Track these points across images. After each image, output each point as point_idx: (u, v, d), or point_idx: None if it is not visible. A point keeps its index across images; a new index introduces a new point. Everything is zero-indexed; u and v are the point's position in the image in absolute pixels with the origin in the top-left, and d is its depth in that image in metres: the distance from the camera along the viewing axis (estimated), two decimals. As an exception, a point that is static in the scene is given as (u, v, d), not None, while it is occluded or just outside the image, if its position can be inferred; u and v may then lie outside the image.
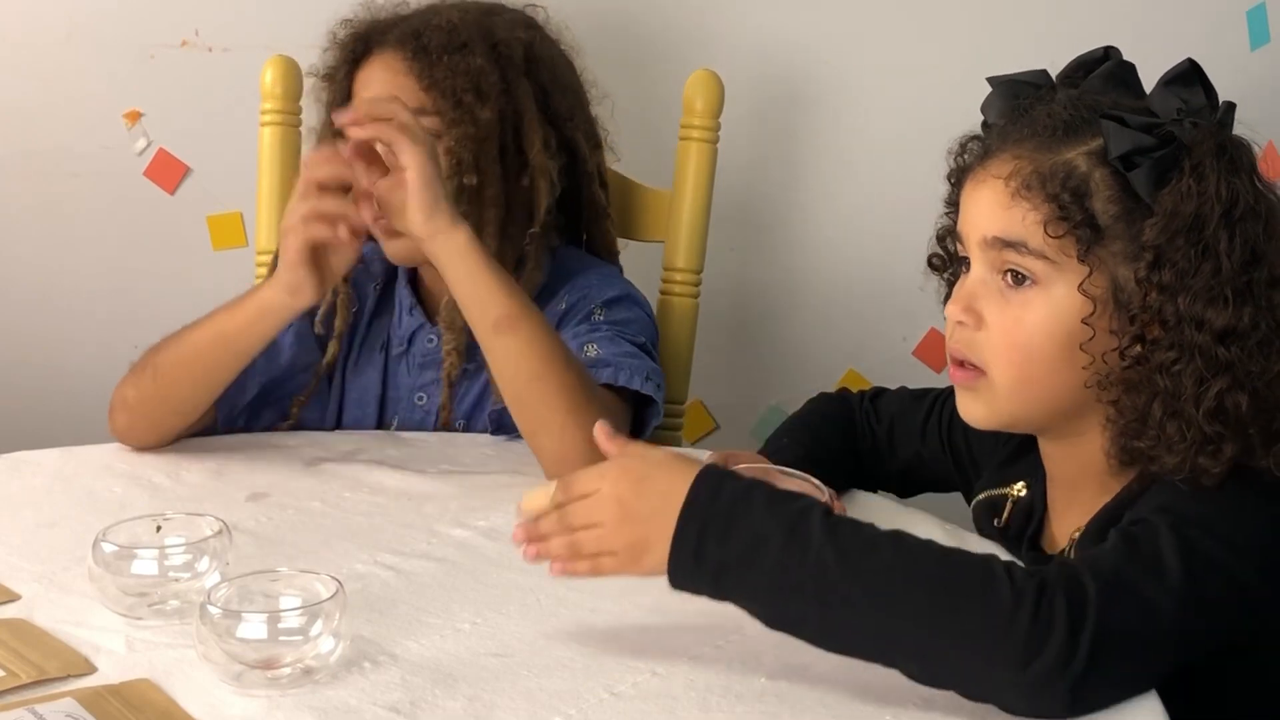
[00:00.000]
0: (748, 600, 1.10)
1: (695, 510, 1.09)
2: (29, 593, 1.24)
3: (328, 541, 1.37)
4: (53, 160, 2.13)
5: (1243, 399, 1.18)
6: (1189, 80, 1.26)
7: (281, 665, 1.09)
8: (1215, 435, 1.18)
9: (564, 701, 1.08)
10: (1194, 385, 1.19)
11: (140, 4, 2.09)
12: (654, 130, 1.90)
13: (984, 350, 1.27)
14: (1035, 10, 2.11)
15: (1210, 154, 1.21)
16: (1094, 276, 1.22)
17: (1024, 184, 1.24)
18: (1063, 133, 1.26)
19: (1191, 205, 1.19)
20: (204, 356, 1.57)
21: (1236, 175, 1.21)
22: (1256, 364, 1.19)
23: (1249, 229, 1.20)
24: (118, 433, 1.61)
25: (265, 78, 1.92)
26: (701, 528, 1.09)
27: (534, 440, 1.51)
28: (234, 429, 1.67)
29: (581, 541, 1.13)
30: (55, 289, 2.18)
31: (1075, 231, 1.22)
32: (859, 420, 1.58)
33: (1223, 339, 1.19)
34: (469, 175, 1.64)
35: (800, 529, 1.08)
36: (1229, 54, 2.12)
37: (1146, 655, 1.08)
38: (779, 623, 1.10)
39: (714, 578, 1.09)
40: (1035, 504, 1.38)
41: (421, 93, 1.66)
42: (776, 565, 1.07)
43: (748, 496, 1.10)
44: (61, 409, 2.17)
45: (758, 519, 1.08)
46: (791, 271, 2.19)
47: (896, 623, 1.06)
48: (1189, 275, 1.19)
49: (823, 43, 2.13)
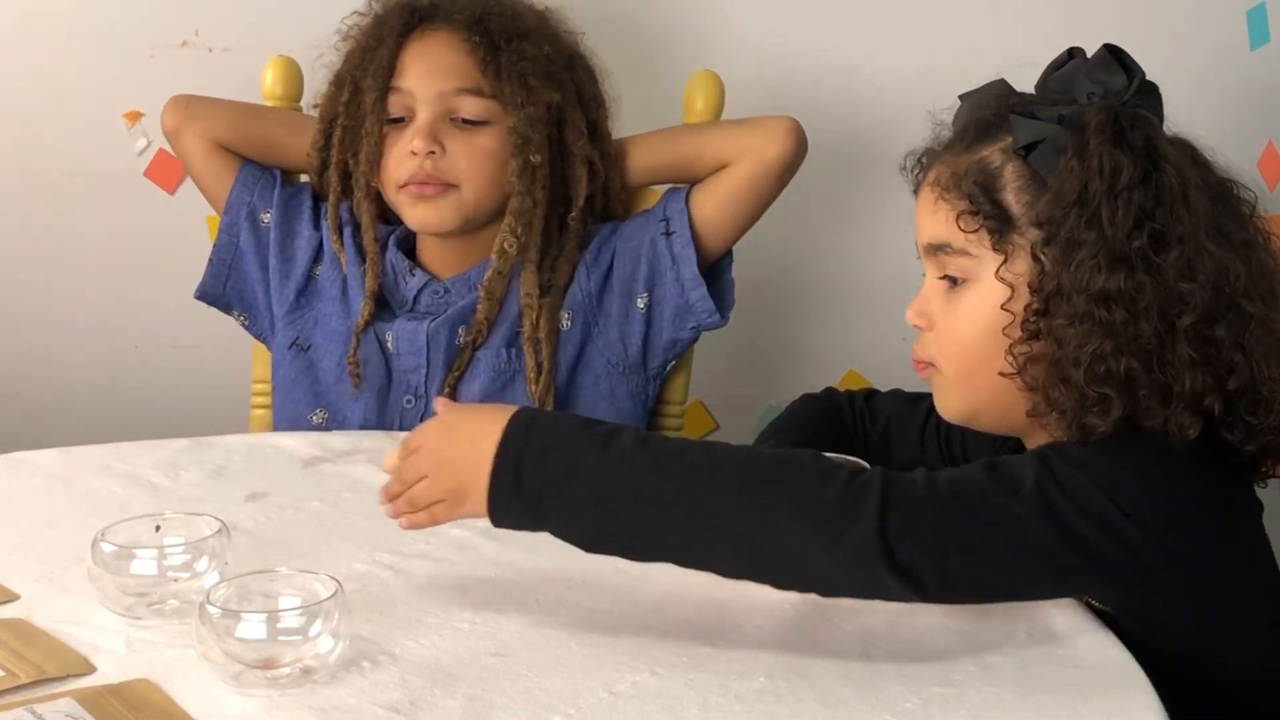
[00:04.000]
0: (566, 522, 1.15)
1: (511, 445, 1.15)
2: (28, 593, 1.24)
3: (327, 541, 1.37)
4: (53, 160, 2.13)
5: (1130, 361, 1.20)
6: (1107, 64, 1.29)
7: (281, 665, 1.08)
8: (1100, 396, 1.20)
9: (563, 701, 1.08)
10: (1076, 349, 1.21)
11: (140, 4, 2.09)
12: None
13: (931, 347, 1.33)
14: (1035, 10, 2.11)
15: (1097, 130, 1.23)
16: (1010, 263, 1.26)
17: (944, 187, 1.30)
18: (980, 134, 1.31)
19: (1075, 180, 1.22)
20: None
21: (1121, 148, 1.22)
22: (1145, 325, 1.20)
23: (1134, 197, 1.22)
24: (172, 114, 1.85)
25: (265, 78, 1.92)
26: (518, 459, 1.15)
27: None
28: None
29: (415, 495, 1.21)
30: (55, 289, 2.17)
31: (985, 223, 1.27)
32: (851, 420, 1.58)
33: (1104, 302, 1.21)
34: (535, 154, 1.75)
35: (613, 445, 1.14)
36: (1229, 54, 2.12)
37: (969, 523, 1.13)
38: (598, 540, 1.16)
39: (533, 504, 1.15)
40: None
41: (479, 75, 1.75)
42: (591, 480, 1.14)
43: (561, 425, 1.17)
44: (61, 409, 2.17)
45: (571, 443, 1.15)
46: (791, 271, 2.19)
47: (711, 517, 1.12)
48: (1076, 247, 1.22)
49: (823, 43, 2.13)
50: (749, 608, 1.22)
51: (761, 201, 1.80)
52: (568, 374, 1.78)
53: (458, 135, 1.75)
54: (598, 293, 1.80)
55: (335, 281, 1.82)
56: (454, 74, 1.75)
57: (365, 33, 1.80)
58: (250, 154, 1.87)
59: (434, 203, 1.75)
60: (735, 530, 1.13)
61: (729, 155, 1.78)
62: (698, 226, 1.79)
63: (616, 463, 1.14)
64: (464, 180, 1.75)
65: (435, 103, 1.74)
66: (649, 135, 1.86)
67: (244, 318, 1.88)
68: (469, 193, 1.75)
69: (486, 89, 1.75)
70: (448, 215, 1.76)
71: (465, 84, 1.75)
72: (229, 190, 1.85)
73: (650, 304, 1.80)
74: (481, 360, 1.77)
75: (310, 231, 1.84)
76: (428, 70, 1.75)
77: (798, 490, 1.13)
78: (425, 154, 1.73)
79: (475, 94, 1.75)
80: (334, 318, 1.81)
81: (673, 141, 1.85)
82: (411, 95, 1.75)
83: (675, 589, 1.28)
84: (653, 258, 1.79)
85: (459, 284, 1.80)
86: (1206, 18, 2.11)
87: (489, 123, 1.75)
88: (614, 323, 1.80)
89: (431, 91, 1.74)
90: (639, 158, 1.84)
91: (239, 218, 1.85)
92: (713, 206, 1.79)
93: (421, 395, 1.77)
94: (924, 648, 1.17)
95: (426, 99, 1.74)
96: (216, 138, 1.85)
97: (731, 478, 1.14)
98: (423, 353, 1.77)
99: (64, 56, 2.10)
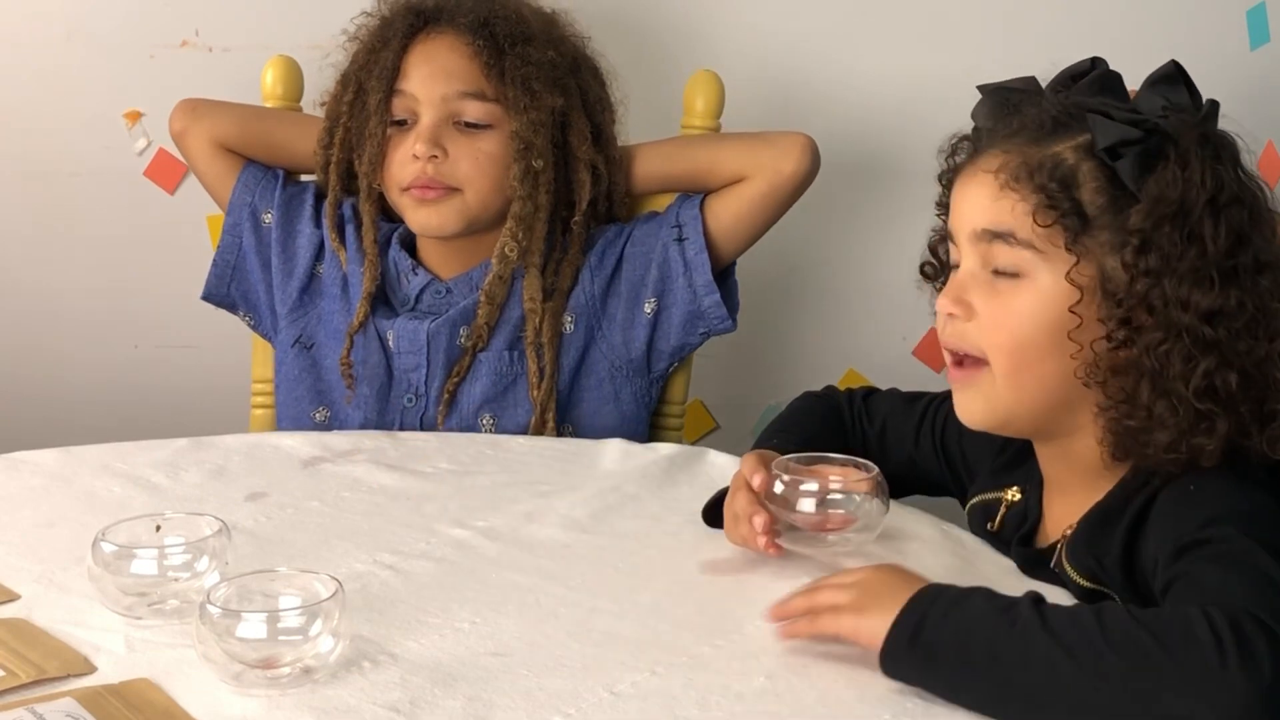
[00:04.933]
0: (954, 677, 1.08)
1: (918, 604, 1.10)
2: (28, 592, 1.24)
3: (327, 541, 1.36)
4: (53, 160, 2.13)
5: (1232, 377, 1.20)
6: (1173, 81, 1.28)
7: (281, 665, 1.08)
8: (1207, 412, 1.20)
9: (564, 701, 1.08)
10: (1182, 363, 1.21)
11: (140, 4, 2.09)
12: (654, 130, 1.90)
13: (978, 338, 1.29)
14: (1035, 11, 2.11)
15: (1194, 143, 1.23)
16: (1081, 265, 1.24)
17: (1013, 176, 1.27)
18: (1051, 129, 1.28)
19: (1177, 191, 1.21)
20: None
21: (1220, 164, 1.22)
22: (1244, 344, 1.21)
23: (1234, 215, 1.22)
24: (180, 117, 1.86)
25: (265, 78, 1.93)
26: (921, 618, 1.09)
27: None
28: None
29: (821, 591, 1.16)
30: (55, 289, 2.17)
31: (1063, 220, 1.24)
32: (849, 419, 1.58)
33: (1209, 319, 1.20)
34: (538, 159, 1.75)
35: (1011, 609, 1.08)
36: (1229, 54, 2.12)
37: None
38: (983, 700, 1.07)
39: (925, 660, 1.09)
40: (1030, 510, 1.38)
41: (483, 78, 1.75)
42: (986, 640, 1.07)
43: (969, 595, 1.11)
44: (61, 409, 2.17)
45: (976, 609, 1.09)
46: (791, 271, 2.19)
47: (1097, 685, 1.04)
48: (1175, 259, 1.21)
49: (823, 43, 2.13)
50: (750, 607, 1.22)
51: (774, 215, 1.81)
52: (570, 377, 1.78)
53: (460, 139, 1.75)
54: (602, 296, 1.80)
55: (337, 280, 1.82)
56: (457, 77, 1.75)
57: (371, 34, 1.80)
58: (256, 155, 1.87)
59: (436, 206, 1.75)
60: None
61: (745, 170, 1.79)
62: (711, 235, 1.79)
63: (1009, 623, 1.07)
64: (466, 184, 1.75)
65: (438, 106, 1.74)
66: (661, 143, 1.86)
67: (249, 317, 1.88)
68: (471, 196, 1.75)
69: (490, 93, 1.75)
70: (450, 219, 1.76)
71: (468, 87, 1.75)
72: (231, 191, 1.85)
73: (659, 309, 1.80)
74: (483, 363, 1.77)
75: (312, 230, 1.84)
76: (431, 73, 1.75)
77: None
78: (427, 158, 1.73)
79: (478, 98, 1.75)
80: (336, 316, 1.81)
81: (686, 151, 1.85)
82: (415, 98, 1.75)
83: (675, 589, 1.28)
84: (663, 263, 1.79)
85: (461, 284, 1.80)
86: (1206, 18, 2.11)
87: (492, 126, 1.75)
88: (618, 326, 1.80)
89: (435, 95, 1.75)
90: (650, 165, 1.85)
91: (241, 218, 1.85)
92: (727, 218, 1.79)
93: (422, 395, 1.77)
94: (924, 647, 1.17)
95: (430, 102, 1.75)
96: (222, 139, 1.85)
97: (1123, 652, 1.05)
98: (422, 352, 1.77)
99: (64, 56, 2.10)
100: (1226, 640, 1.02)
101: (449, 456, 1.59)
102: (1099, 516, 1.27)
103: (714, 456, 1.59)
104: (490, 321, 1.77)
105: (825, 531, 1.33)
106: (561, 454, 1.62)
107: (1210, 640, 1.03)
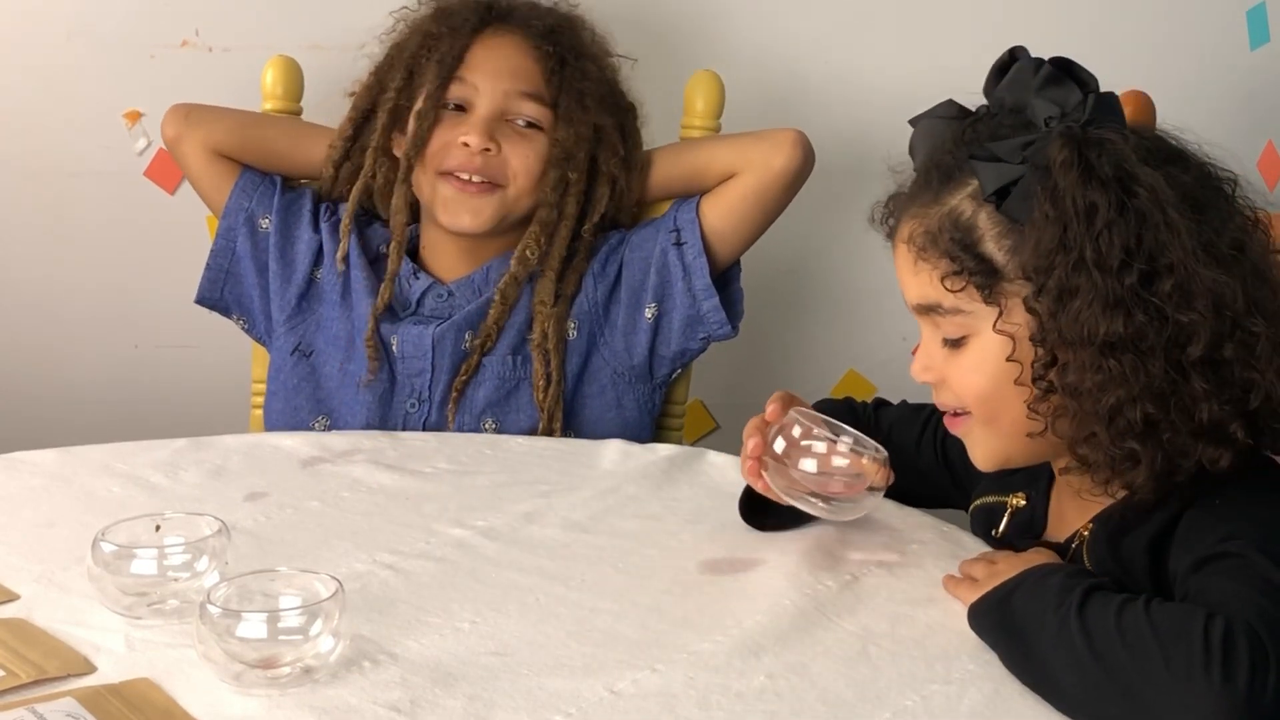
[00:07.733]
0: (1009, 645, 1.15)
1: (1025, 574, 1.18)
2: (28, 592, 1.24)
3: (326, 541, 1.36)
4: (53, 160, 2.13)
5: (1145, 407, 1.17)
6: (1059, 80, 1.24)
7: (281, 665, 1.08)
8: (1128, 452, 1.19)
9: (564, 700, 1.08)
10: (1094, 402, 1.19)
11: (140, 4, 2.09)
12: (654, 130, 1.90)
13: (953, 398, 1.31)
14: (1035, 10, 2.11)
15: (1063, 169, 1.18)
16: (1007, 315, 1.23)
17: (921, 246, 1.27)
18: (944, 180, 1.27)
19: (1053, 227, 1.18)
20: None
21: (1092, 183, 1.17)
22: (1155, 366, 1.17)
23: (1115, 233, 1.17)
24: (173, 123, 1.86)
25: (265, 78, 1.93)
26: (1017, 585, 1.17)
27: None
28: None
29: (977, 562, 1.26)
30: (55, 289, 2.17)
31: (972, 280, 1.24)
32: (860, 422, 1.57)
33: (1109, 350, 1.17)
34: (574, 170, 1.79)
35: (1069, 594, 1.12)
36: (1229, 54, 2.12)
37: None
38: (1020, 672, 1.13)
39: (998, 623, 1.16)
40: (1036, 516, 1.37)
41: (543, 82, 1.80)
42: (1036, 620, 1.13)
43: (1056, 572, 1.17)
44: (61, 409, 2.16)
45: (1052, 587, 1.14)
46: (792, 272, 2.19)
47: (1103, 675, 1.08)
48: (1070, 295, 1.18)
49: (823, 43, 2.13)
50: (750, 606, 1.22)
51: (769, 212, 1.81)
52: (573, 383, 1.79)
53: (512, 136, 1.78)
54: (604, 302, 1.81)
55: (335, 285, 1.82)
56: (520, 77, 1.79)
57: (426, 20, 1.83)
58: (250, 161, 1.87)
59: (475, 202, 1.77)
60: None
61: (735, 166, 1.80)
62: (707, 236, 1.80)
63: (1056, 605, 1.12)
64: (511, 180, 1.77)
65: (498, 100, 1.77)
66: (662, 151, 1.87)
67: (243, 321, 1.88)
68: (512, 193, 1.78)
69: (547, 98, 1.79)
70: (486, 215, 1.77)
71: (529, 88, 1.78)
72: (228, 196, 1.85)
73: (659, 314, 1.80)
74: (487, 367, 1.77)
75: (310, 235, 1.84)
76: (495, 69, 1.78)
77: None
78: (480, 150, 1.75)
79: (535, 99, 1.78)
80: (336, 322, 1.81)
81: (683, 155, 1.86)
82: (475, 88, 1.78)
83: (675, 589, 1.28)
84: (662, 268, 1.80)
85: (463, 288, 1.80)
86: (1206, 18, 2.11)
87: (540, 129, 1.78)
88: (620, 332, 1.81)
89: (497, 89, 1.78)
90: (656, 171, 1.86)
91: (236, 223, 1.85)
92: (719, 216, 1.80)
93: (426, 399, 1.77)
94: (924, 647, 1.17)
95: (490, 94, 1.77)
96: (216, 146, 1.85)
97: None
98: (428, 357, 1.77)
99: (64, 56, 2.09)
100: (1215, 647, 1.03)
101: (448, 456, 1.59)
102: (1117, 524, 1.26)
103: (713, 457, 1.59)
104: (501, 322, 1.77)
105: (814, 496, 1.33)
106: (561, 454, 1.62)
107: (1200, 646, 1.04)
